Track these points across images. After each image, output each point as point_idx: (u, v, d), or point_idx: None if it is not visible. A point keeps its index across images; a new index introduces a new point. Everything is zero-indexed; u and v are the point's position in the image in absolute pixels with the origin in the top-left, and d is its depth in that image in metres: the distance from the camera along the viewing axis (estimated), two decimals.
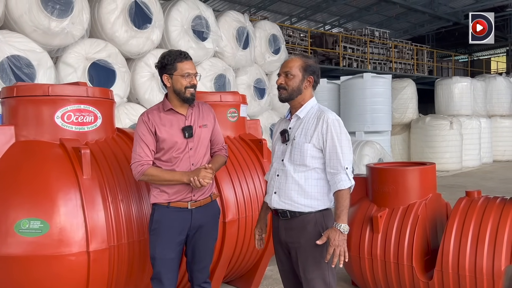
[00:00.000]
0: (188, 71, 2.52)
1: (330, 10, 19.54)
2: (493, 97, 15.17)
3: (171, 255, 2.55)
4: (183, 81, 2.52)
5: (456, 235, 3.11)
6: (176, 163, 2.54)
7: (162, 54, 2.59)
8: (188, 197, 2.56)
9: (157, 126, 2.53)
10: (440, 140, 12.50)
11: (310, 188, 2.30)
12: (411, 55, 18.37)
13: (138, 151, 2.51)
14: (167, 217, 2.54)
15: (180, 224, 2.55)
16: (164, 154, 2.54)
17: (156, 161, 2.55)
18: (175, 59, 2.52)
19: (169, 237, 2.53)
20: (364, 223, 3.53)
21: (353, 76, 11.26)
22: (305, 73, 2.35)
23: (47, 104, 2.88)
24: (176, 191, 2.54)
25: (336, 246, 2.20)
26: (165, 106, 2.59)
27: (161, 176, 2.50)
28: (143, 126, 2.54)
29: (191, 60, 2.58)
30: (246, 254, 3.65)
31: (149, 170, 2.49)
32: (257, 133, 4.32)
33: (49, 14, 5.65)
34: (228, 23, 8.46)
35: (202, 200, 2.61)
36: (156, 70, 2.63)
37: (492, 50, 30.47)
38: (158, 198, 2.55)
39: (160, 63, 2.56)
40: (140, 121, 2.57)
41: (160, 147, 2.54)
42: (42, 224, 2.54)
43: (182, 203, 2.55)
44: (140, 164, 2.49)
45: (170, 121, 2.56)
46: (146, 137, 2.52)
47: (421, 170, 3.53)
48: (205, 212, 2.63)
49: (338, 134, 2.27)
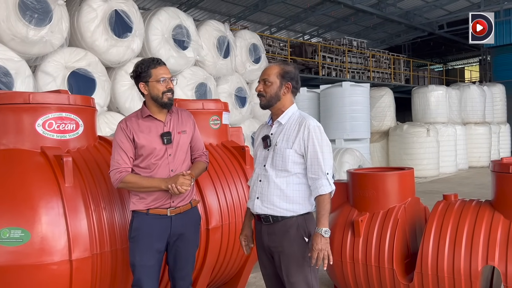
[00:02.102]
0: (163, 76, 2.54)
1: (309, 21, 19.85)
2: (467, 105, 15.58)
3: (151, 262, 2.54)
4: (159, 86, 2.53)
5: (434, 238, 3.19)
6: (155, 170, 2.53)
7: (136, 63, 2.62)
8: (167, 204, 2.56)
9: (135, 132, 2.53)
10: (418, 147, 12.77)
11: (291, 193, 2.35)
12: (388, 64, 18.78)
13: (117, 158, 2.50)
14: (146, 224, 2.53)
15: (159, 231, 2.54)
16: (143, 161, 2.54)
17: (135, 168, 2.55)
18: (149, 66, 2.54)
19: (148, 244, 2.52)
20: (346, 227, 3.59)
21: (332, 85, 11.44)
22: (282, 79, 2.39)
23: (28, 112, 2.85)
24: (154, 198, 2.53)
25: (320, 250, 2.24)
26: (143, 112, 2.59)
27: (139, 183, 2.50)
28: (121, 133, 2.54)
29: (165, 65, 2.61)
30: (229, 261, 3.66)
31: (127, 177, 2.48)
32: (239, 140, 4.35)
33: (27, 23, 5.60)
34: (209, 32, 8.52)
35: (182, 207, 2.61)
36: (132, 80, 2.65)
37: (465, 60, 31.38)
38: (137, 205, 2.55)
39: (134, 72, 2.59)
40: (118, 128, 2.57)
41: (139, 154, 2.54)
42: (23, 233, 2.50)
43: (161, 210, 2.54)
44: (118, 171, 2.48)
45: (148, 127, 2.56)
46: (124, 144, 2.52)
47: (400, 175, 3.61)
48: (185, 219, 2.62)
49: (319, 140, 2.33)
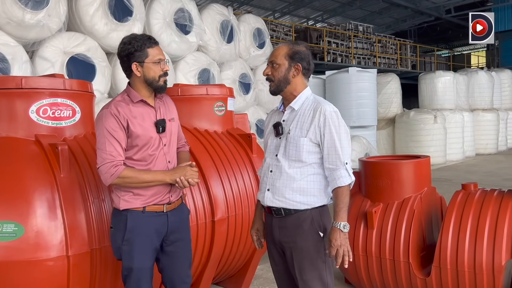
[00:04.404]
0: (160, 56, 2.25)
1: (313, 5, 19.49)
2: (475, 91, 15.29)
3: (150, 262, 2.30)
4: (156, 68, 2.23)
5: (454, 230, 3.01)
6: (152, 162, 2.26)
7: (126, 39, 2.23)
8: (166, 199, 2.30)
9: (130, 120, 2.20)
10: (425, 134, 12.53)
11: (306, 184, 2.16)
12: (395, 49, 18.44)
13: (109, 150, 2.14)
14: (143, 224, 2.24)
15: (157, 230, 2.28)
16: (137, 152, 2.23)
17: (126, 161, 2.22)
18: (144, 44, 2.20)
19: (147, 244, 2.26)
20: (358, 219, 3.41)
21: (339, 71, 11.20)
22: (291, 61, 2.18)
23: (21, 98, 2.67)
24: (154, 193, 2.26)
25: (339, 246, 2.07)
26: (133, 97, 2.25)
27: (140, 178, 2.19)
28: (112, 120, 2.17)
29: (158, 44, 2.31)
30: (236, 253, 3.49)
31: (124, 172, 2.16)
32: (245, 128, 4.16)
33: (23, 6, 5.36)
34: (212, 16, 8.25)
35: (176, 202, 2.38)
36: (118, 58, 2.27)
37: (472, 45, 30.88)
38: (132, 203, 2.23)
39: (126, 50, 2.20)
40: (108, 114, 2.18)
41: (133, 144, 2.22)
42: (17, 228, 2.34)
43: (158, 207, 2.27)
44: (113, 165, 2.14)
45: (141, 114, 2.25)
46: (118, 133, 2.17)
47: (416, 163, 3.42)
48: (178, 214, 2.38)
49: (336, 127, 2.13)
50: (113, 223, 2.31)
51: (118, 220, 2.27)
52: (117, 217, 2.28)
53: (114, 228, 2.30)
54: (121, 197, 2.25)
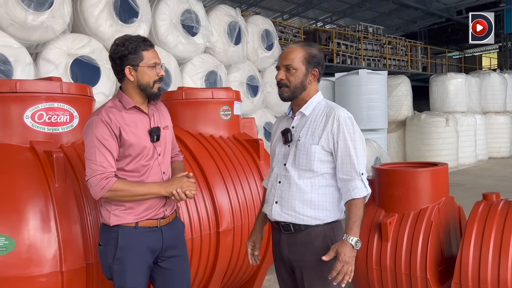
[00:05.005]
0: (155, 60, 2.08)
1: (322, 7, 19.28)
2: (487, 94, 15.01)
3: (144, 282, 2.12)
4: (151, 73, 2.06)
5: (475, 244, 2.80)
6: (146, 173, 2.09)
7: (119, 40, 2.07)
8: (160, 213, 2.12)
9: (122, 127, 2.03)
10: (436, 137, 12.27)
11: (317, 197, 1.99)
12: (405, 51, 18.16)
13: (99, 160, 1.96)
14: (135, 241, 2.05)
15: (151, 247, 2.11)
16: (130, 163, 2.06)
17: (118, 172, 2.04)
18: (139, 46, 2.03)
19: (141, 262, 2.09)
20: (372, 230, 3.22)
21: (348, 73, 11.00)
22: (309, 65, 2.02)
23: (15, 102, 2.54)
24: (147, 207, 2.08)
25: (345, 263, 1.88)
26: (125, 103, 2.08)
27: (133, 191, 2.01)
28: (103, 128, 1.99)
29: (154, 47, 2.13)
30: (242, 266, 3.32)
31: (116, 184, 1.97)
32: (252, 133, 4.00)
33: (26, 7, 5.25)
34: (219, 17, 8.10)
35: (170, 216, 2.20)
36: (110, 61, 2.10)
37: (483, 47, 30.43)
38: (124, 218, 2.05)
39: (119, 52, 2.03)
40: (98, 121, 2.00)
41: (125, 154, 2.04)
42: (7, 241, 2.19)
43: (152, 221, 2.09)
44: (104, 177, 1.96)
45: (134, 121, 2.07)
46: (109, 142, 1.99)
47: (433, 172, 3.22)
48: (174, 229, 2.21)
49: (351, 134, 1.96)
50: (102, 239, 2.12)
51: (108, 237, 2.08)
52: (107, 234, 2.09)
53: (104, 245, 2.11)
54: (111, 212, 2.06)
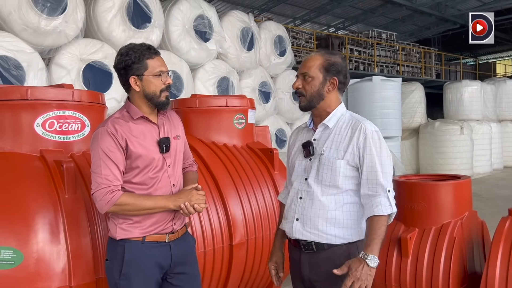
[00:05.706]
0: (161, 68, 2.00)
1: (335, 12, 19.16)
2: (503, 101, 14.76)
3: None
4: (157, 82, 1.98)
5: (502, 262, 2.66)
6: (154, 186, 2.00)
7: (124, 49, 2.00)
8: (169, 227, 2.03)
9: (129, 139, 1.96)
10: (451, 145, 12.05)
11: (341, 215, 1.88)
12: (419, 58, 17.96)
13: (105, 173, 1.89)
14: (142, 256, 1.97)
15: (159, 263, 2.01)
16: (137, 175, 1.98)
17: (125, 185, 1.97)
18: (143, 55, 1.96)
19: (147, 279, 1.99)
20: (391, 245, 3.09)
21: (362, 79, 10.86)
22: (327, 73, 1.93)
23: (26, 110, 2.48)
24: (155, 221, 1.99)
25: (357, 279, 1.74)
26: (133, 113, 2.01)
27: (140, 204, 1.93)
28: (109, 140, 1.92)
29: (160, 54, 2.05)
30: (255, 280, 3.22)
31: (122, 198, 1.89)
32: (266, 141, 3.89)
33: (39, 12, 5.25)
34: (232, 23, 8.06)
35: (180, 231, 2.10)
36: (115, 71, 2.04)
37: (498, 54, 30.03)
38: (131, 232, 1.97)
39: (122, 62, 1.97)
40: (104, 133, 1.93)
41: (133, 166, 1.97)
42: (15, 254, 2.12)
43: (160, 236, 2.01)
44: (109, 191, 1.88)
45: (142, 132, 2.00)
46: (115, 154, 1.92)
47: (456, 185, 3.09)
48: (184, 245, 2.11)
49: (377, 149, 1.85)
50: (109, 254, 2.04)
51: (114, 252, 2.00)
52: (113, 248, 2.01)
53: (110, 260, 2.02)
54: (118, 225, 1.98)
